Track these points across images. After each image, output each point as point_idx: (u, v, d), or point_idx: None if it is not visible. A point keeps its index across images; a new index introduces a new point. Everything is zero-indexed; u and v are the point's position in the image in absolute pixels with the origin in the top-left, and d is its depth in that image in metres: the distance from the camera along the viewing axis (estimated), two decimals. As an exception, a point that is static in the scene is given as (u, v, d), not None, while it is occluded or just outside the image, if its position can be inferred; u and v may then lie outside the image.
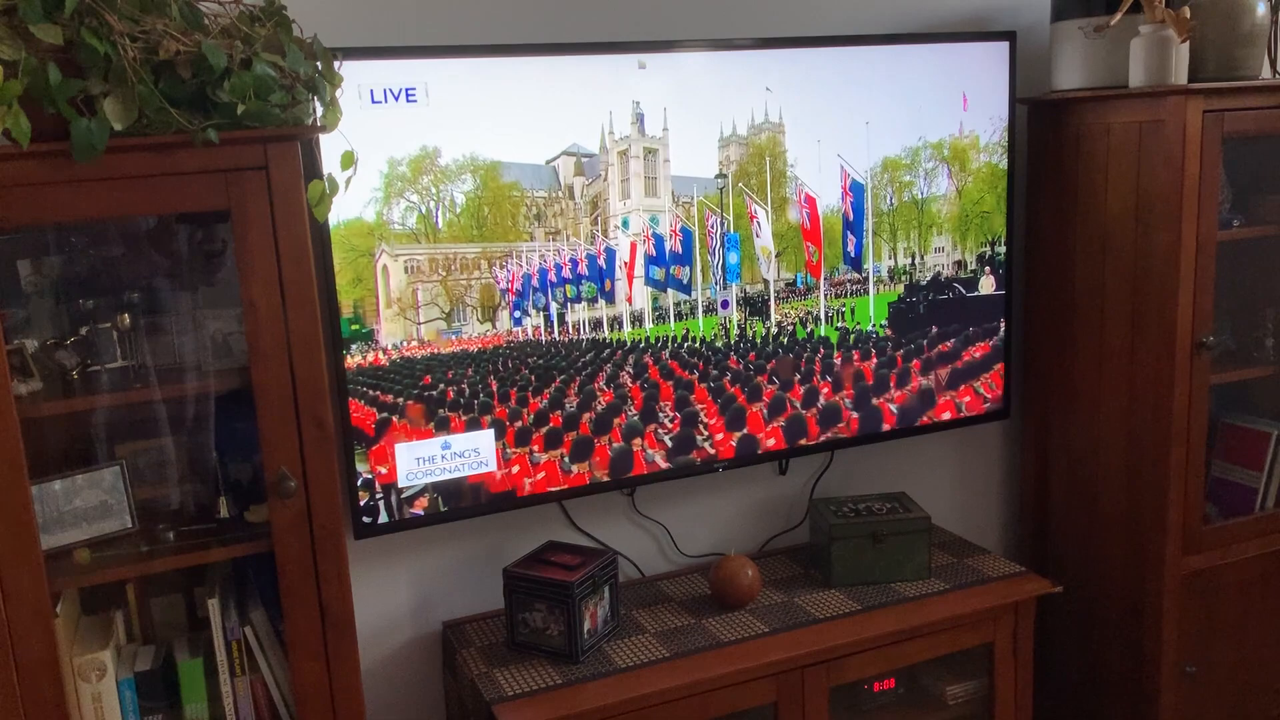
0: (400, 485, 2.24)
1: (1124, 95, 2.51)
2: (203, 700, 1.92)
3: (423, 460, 2.26)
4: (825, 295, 2.59)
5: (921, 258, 2.66)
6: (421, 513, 2.27)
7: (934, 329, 2.70)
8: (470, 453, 2.30)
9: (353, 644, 1.90)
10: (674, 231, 2.41)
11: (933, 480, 2.99)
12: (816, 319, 2.58)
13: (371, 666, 2.40)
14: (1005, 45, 2.64)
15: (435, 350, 2.25)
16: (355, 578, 2.26)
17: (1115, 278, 2.61)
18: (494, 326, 2.30)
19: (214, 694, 1.92)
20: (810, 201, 2.53)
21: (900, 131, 2.57)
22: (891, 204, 2.61)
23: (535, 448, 2.34)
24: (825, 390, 2.59)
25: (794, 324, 2.56)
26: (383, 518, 2.24)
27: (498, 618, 2.41)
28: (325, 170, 2.03)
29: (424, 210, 2.18)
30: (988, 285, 2.74)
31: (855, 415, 2.64)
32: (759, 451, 2.57)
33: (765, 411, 2.55)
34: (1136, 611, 2.65)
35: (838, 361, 2.60)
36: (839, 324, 2.61)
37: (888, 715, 2.52)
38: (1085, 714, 2.86)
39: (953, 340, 2.72)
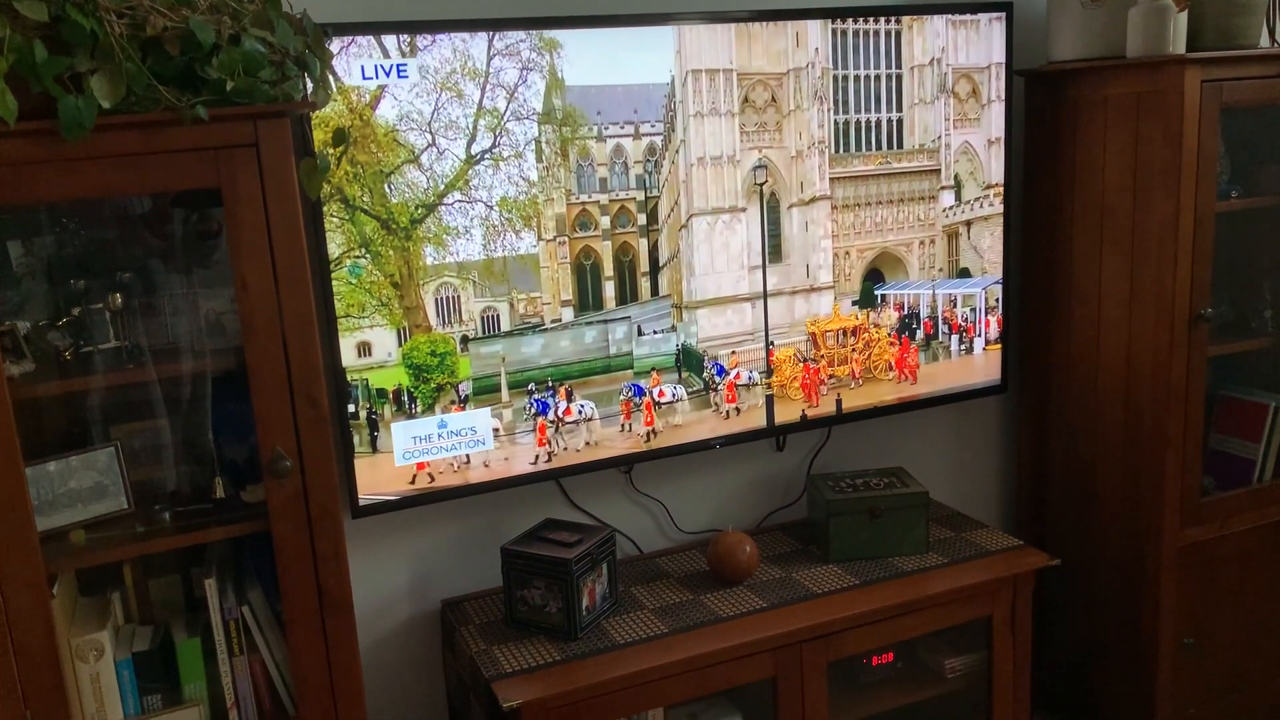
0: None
1: (1121, 66, 2.49)
2: (201, 680, 1.92)
3: (419, 439, 2.25)
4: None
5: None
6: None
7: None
8: (466, 430, 2.29)
9: (350, 623, 1.90)
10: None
11: (930, 455, 2.99)
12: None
13: (371, 645, 2.40)
14: (1002, 16, 2.62)
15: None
16: (353, 557, 2.27)
17: (1113, 250, 2.60)
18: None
19: (212, 673, 1.92)
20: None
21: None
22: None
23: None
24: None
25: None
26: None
27: (496, 595, 2.41)
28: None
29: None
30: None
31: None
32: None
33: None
34: (1134, 584, 2.65)
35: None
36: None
37: (886, 689, 2.52)
38: (1084, 687, 2.87)
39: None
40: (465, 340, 2.27)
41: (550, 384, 2.34)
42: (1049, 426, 2.89)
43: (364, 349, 2.19)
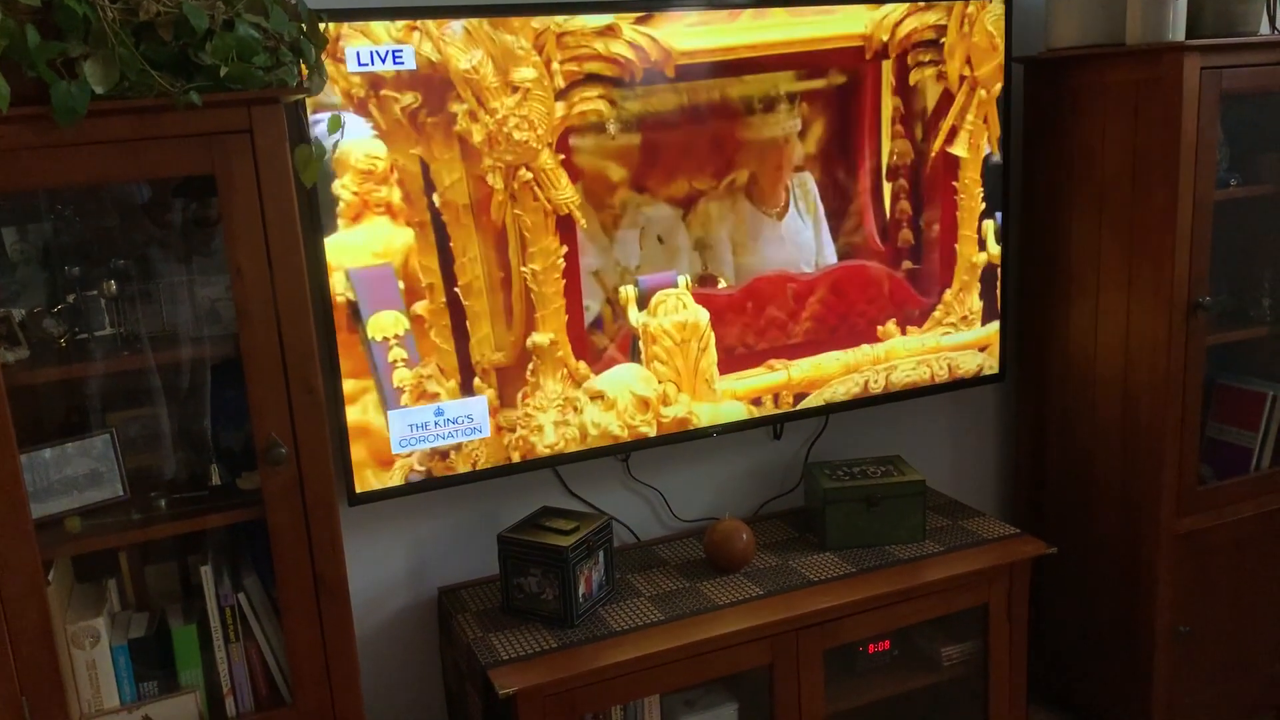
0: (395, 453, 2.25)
1: (1121, 53, 2.48)
2: (197, 666, 1.92)
3: (415, 427, 2.25)
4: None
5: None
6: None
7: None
8: (464, 419, 2.29)
9: (346, 610, 1.90)
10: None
11: (928, 443, 2.99)
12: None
13: (367, 632, 2.41)
14: (1001, 3, 2.60)
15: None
16: (350, 544, 2.27)
17: (1111, 238, 2.60)
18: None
19: (208, 660, 1.93)
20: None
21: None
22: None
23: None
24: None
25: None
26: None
27: (493, 583, 2.41)
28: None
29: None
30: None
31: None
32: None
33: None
34: (1131, 572, 2.65)
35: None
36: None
37: (883, 677, 2.52)
38: (1079, 675, 2.88)
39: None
40: None
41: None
42: (1046, 415, 2.89)
43: None
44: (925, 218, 2.61)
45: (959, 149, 2.59)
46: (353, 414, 2.18)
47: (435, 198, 2.11)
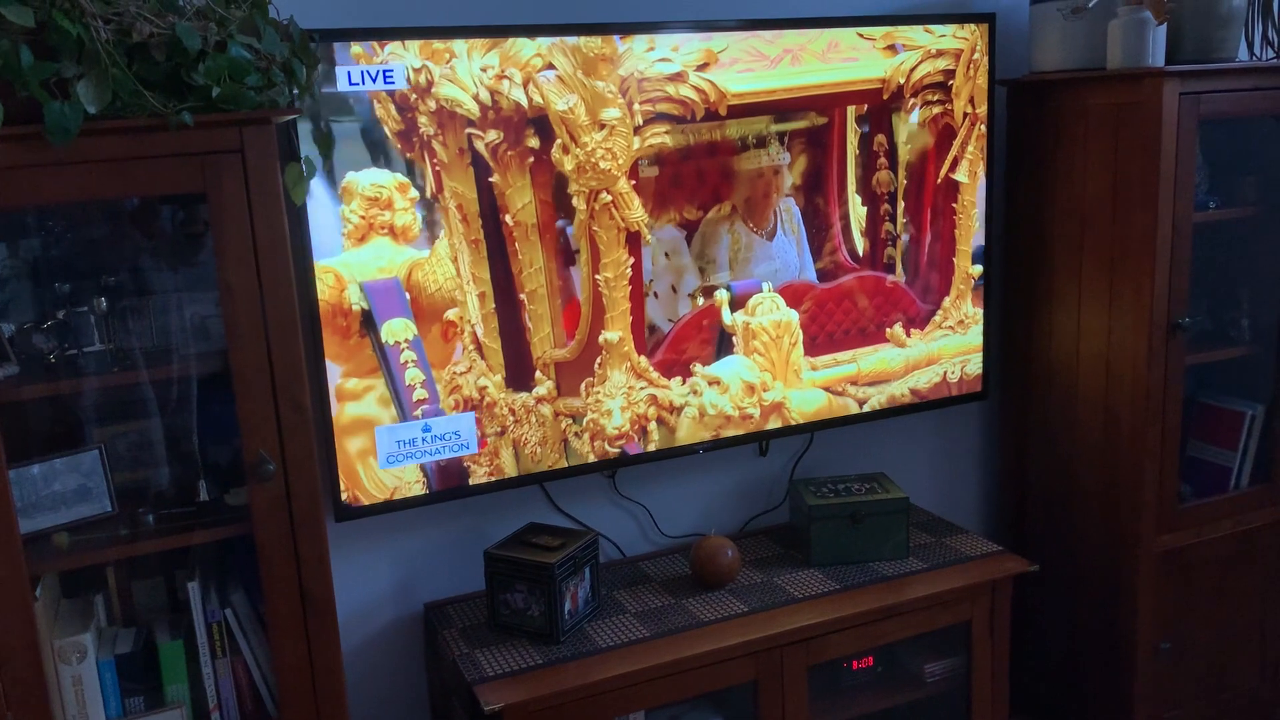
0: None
1: (1102, 77, 2.52)
2: (184, 682, 1.93)
3: (403, 443, 2.26)
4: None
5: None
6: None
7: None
8: (451, 435, 2.30)
9: (333, 625, 1.91)
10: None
11: (911, 461, 3.01)
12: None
13: (354, 647, 2.41)
14: (985, 27, 2.64)
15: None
16: (336, 560, 2.28)
17: (1092, 258, 2.63)
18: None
19: (195, 676, 1.93)
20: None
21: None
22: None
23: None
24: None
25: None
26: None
27: (479, 599, 2.42)
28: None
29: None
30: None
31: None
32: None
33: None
34: (1112, 590, 2.68)
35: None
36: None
37: (866, 693, 2.54)
38: (1062, 691, 2.90)
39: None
40: None
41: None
42: (1029, 433, 2.91)
43: None
44: (930, 234, 2.75)
45: (960, 175, 2.73)
46: (359, 409, 2.23)
47: (507, 218, 2.30)
